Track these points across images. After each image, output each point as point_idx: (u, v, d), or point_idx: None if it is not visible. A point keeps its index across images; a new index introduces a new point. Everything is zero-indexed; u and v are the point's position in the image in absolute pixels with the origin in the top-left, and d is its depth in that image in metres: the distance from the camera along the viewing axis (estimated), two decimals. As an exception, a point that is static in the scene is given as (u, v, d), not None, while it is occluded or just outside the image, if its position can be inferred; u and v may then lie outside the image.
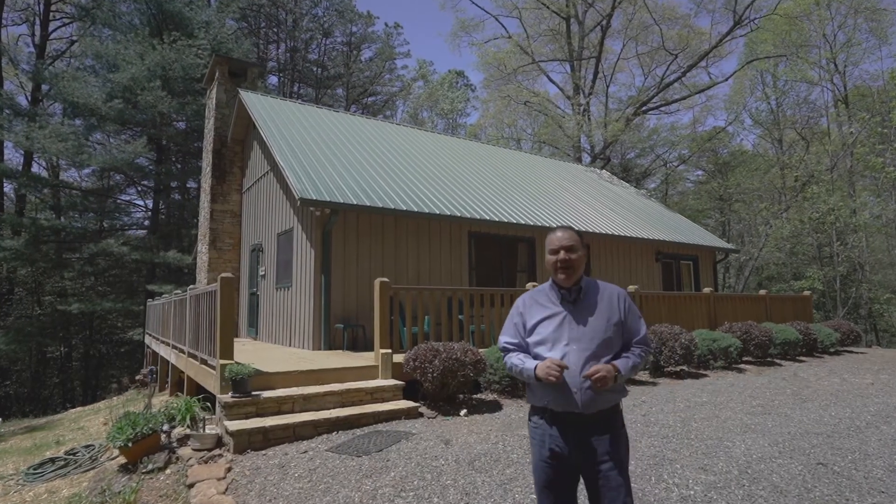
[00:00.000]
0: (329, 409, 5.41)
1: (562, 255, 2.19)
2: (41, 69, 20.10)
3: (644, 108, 26.16)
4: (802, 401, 6.49)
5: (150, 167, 22.99)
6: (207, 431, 4.69)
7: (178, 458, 4.38)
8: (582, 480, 2.19)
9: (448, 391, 6.02)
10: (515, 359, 2.27)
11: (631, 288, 9.41)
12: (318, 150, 10.61)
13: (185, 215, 24.62)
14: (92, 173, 26.00)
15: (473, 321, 7.66)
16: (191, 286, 7.25)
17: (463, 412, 5.75)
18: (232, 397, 5.01)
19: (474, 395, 6.54)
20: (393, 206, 8.97)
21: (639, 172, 31.23)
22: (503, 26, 27.77)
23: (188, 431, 4.72)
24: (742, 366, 9.54)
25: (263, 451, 4.57)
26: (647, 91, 27.01)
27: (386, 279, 6.56)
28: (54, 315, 20.60)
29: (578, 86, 25.89)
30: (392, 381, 6.06)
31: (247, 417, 4.97)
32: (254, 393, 5.20)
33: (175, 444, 4.65)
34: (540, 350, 2.19)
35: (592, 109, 27.46)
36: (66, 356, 24.73)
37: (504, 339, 2.37)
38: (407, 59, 47.07)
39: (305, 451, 4.53)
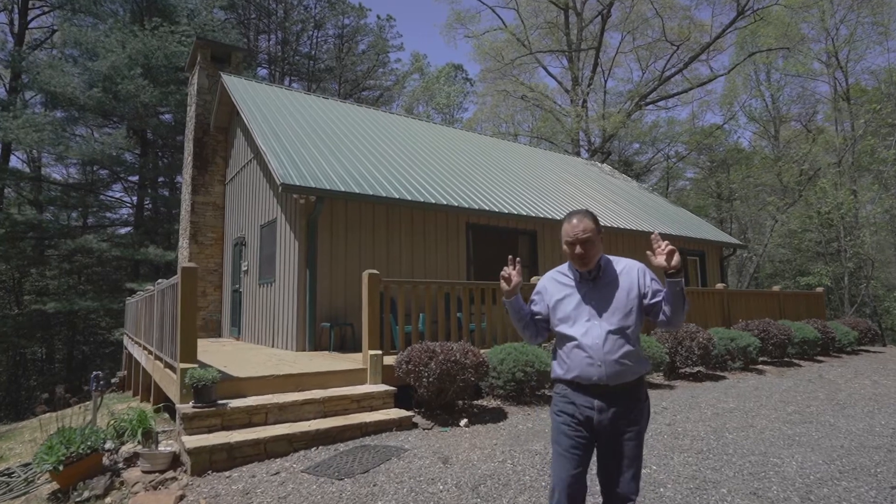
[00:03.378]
0: (308, 419, 4.68)
1: (578, 249, 2.17)
2: (16, 58, 19.19)
3: (644, 102, 25.52)
4: (841, 407, 5.82)
5: (135, 162, 22.12)
6: (161, 449, 3.95)
7: (122, 483, 3.65)
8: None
9: (445, 398, 5.31)
10: None
11: (642, 283, 8.72)
12: (305, 135, 9.87)
13: (172, 211, 23.77)
14: (77, 169, 25.08)
15: (473, 319, 6.95)
16: (159, 280, 6.50)
17: (463, 422, 5.04)
18: (193, 407, 4.28)
19: (475, 402, 5.83)
20: (385, 195, 8.24)
21: (639, 167, 30.62)
22: (500, 18, 27.11)
23: (139, 449, 3.98)
24: (760, 366, 8.90)
25: (227, 473, 3.84)
26: (648, 84, 26.38)
27: (375, 271, 5.84)
28: (32, 315, 19.69)
29: (577, 77, 25.23)
30: (382, 387, 5.34)
31: (210, 431, 4.23)
32: (220, 402, 4.47)
33: (121, 466, 3.91)
34: (563, 328, 2.22)
35: (591, 105, 26.82)
36: (47, 357, 23.82)
37: None
38: (400, 52, 46.32)
39: (277, 473, 3.81)
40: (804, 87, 26.68)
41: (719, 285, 10.48)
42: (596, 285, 2.22)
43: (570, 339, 2.18)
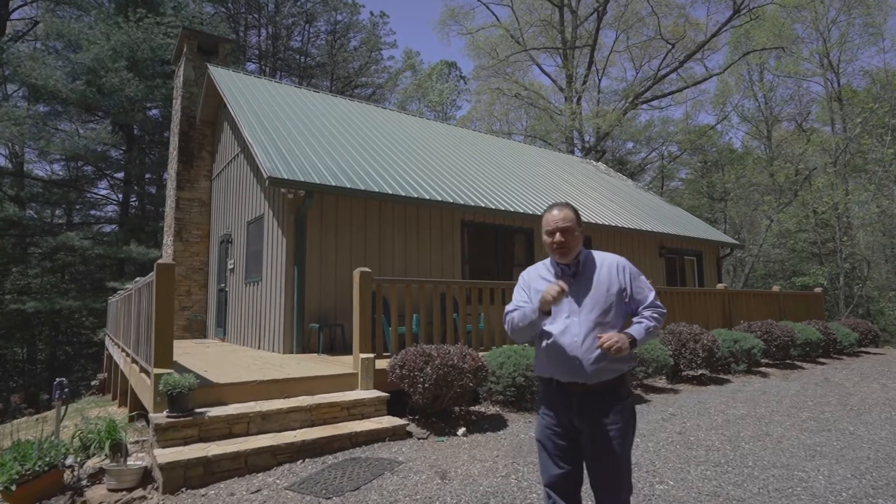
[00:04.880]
0: (294, 429, 4.32)
1: (557, 237, 2.16)
2: (-4, 49, 18.57)
3: (639, 100, 25.34)
4: (857, 413, 5.55)
5: (121, 159, 21.55)
6: (130, 464, 3.58)
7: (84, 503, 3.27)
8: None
9: (442, 404, 4.98)
10: (516, 312, 2.22)
11: (643, 283, 8.45)
12: (294, 128, 9.49)
13: (158, 209, 23.21)
14: (62, 166, 24.43)
15: (470, 320, 6.62)
16: (136, 279, 6.11)
17: (461, 431, 4.71)
18: (167, 417, 3.91)
19: (472, 408, 5.50)
20: (377, 189, 7.88)
21: (633, 167, 30.48)
22: (494, 14, 26.82)
23: (105, 464, 3.60)
24: (763, 368, 8.66)
25: (203, 491, 3.47)
26: (643, 83, 26.21)
27: (367, 269, 5.49)
28: (11, 314, 19.07)
29: (572, 75, 24.99)
30: (374, 393, 4.99)
31: (185, 443, 3.87)
32: (198, 410, 4.10)
33: (85, 483, 3.53)
34: (564, 323, 2.16)
35: (584, 104, 26.60)
36: (29, 358, 23.15)
37: (511, 305, 2.29)
38: (393, 49, 45.86)
39: (258, 490, 3.45)
40: (798, 86, 26.64)
41: (720, 285, 10.24)
42: (576, 280, 2.18)
43: (549, 335, 2.15)
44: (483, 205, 9.21)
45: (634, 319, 2.18)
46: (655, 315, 2.18)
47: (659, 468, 3.81)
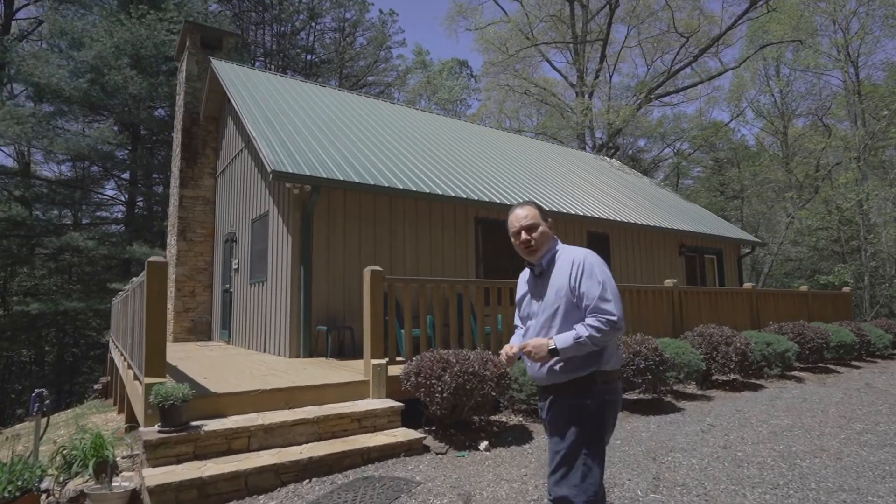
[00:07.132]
0: (300, 444, 3.92)
1: (523, 236, 2.15)
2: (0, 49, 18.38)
3: (653, 95, 24.78)
4: (915, 423, 5.07)
5: (127, 158, 21.32)
6: (116, 486, 3.18)
7: (60, 534, 2.88)
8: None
9: (461, 414, 4.55)
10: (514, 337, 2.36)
11: (668, 282, 8.00)
12: (300, 121, 9.11)
13: (166, 209, 22.97)
14: (69, 167, 24.25)
15: (488, 321, 6.19)
16: (133, 279, 5.75)
17: (483, 445, 4.28)
18: (159, 431, 3.51)
19: (493, 418, 5.08)
20: (387, 184, 7.48)
21: (646, 164, 29.91)
22: (502, 9, 26.36)
23: (88, 486, 3.21)
24: (797, 373, 8.17)
25: (196, 517, 3.08)
26: (655, 79, 25.65)
27: (378, 268, 5.08)
28: (17, 316, 18.86)
29: (582, 71, 24.48)
30: (387, 403, 4.58)
31: (179, 461, 3.47)
32: (193, 423, 3.70)
33: (64, 508, 3.14)
34: (527, 325, 2.23)
35: (596, 101, 26.06)
36: (35, 360, 22.99)
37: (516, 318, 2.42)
38: (402, 47, 45.52)
39: (258, 517, 3.05)
40: (818, 79, 25.90)
41: (747, 285, 9.75)
42: (541, 280, 2.15)
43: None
44: (497, 201, 8.78)
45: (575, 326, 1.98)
46: (595, 324, 1.92)
47: (710, 491, 3.36)
